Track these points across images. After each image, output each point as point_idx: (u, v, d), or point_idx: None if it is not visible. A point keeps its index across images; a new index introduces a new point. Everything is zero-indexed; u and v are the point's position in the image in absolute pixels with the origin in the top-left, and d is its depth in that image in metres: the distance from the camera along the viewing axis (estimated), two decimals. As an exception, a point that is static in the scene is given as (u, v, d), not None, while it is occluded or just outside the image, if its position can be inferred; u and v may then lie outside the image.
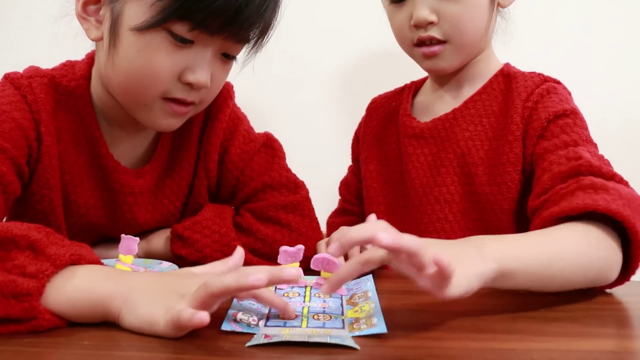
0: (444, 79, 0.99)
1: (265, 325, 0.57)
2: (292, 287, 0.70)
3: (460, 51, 0.91)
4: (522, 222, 0.87)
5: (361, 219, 1.04)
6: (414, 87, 1.06)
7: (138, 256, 0.81)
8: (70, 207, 0.85)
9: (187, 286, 0.56)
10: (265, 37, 0.81)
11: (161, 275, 0.61)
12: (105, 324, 0.58)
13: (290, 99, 1.38)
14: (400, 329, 0.58)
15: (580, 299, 0.70)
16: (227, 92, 0.93)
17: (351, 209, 1.11)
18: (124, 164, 0.86)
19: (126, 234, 0.76)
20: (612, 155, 0.81)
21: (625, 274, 0.70)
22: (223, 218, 0.87)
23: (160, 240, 0.89)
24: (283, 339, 0.52)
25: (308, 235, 0.89)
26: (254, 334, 0.55)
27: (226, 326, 0.55)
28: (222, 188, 0.94)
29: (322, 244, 0.86)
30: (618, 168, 0.80)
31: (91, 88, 0.84)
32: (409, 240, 0.52)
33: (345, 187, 1.14)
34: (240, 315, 0.58)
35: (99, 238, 0.91)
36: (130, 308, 0.56)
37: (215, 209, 0.90)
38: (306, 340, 0.52)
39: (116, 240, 0.89)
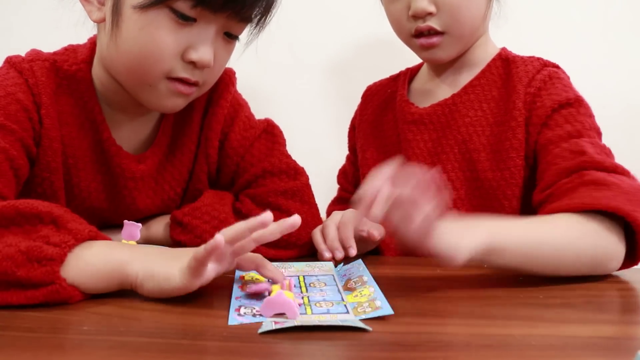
0: (442, 66, 0.98)
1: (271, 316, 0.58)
2: (285, 278, 0.69)
3: (458, 41, 0.91)
4: (525, 208, 0.87)
5: None
6: (410, 74, 1.05)
7: (139, 242, 0.81)
8: (72, 190, 0.85)
9: (199, 248, 0.60)
10: (268, 16, 0.80)
11: (174, 248, 0.67)
12: (104, 309, 0.58)
13: (290, 85, 1.37)
14: (399, 315, 0.58)
15: (578, 286, 0.70)
16: (228, 78, 0.93)
17: (349, 197, 1.11)
18: (125, 148, 0.86)
19: (127, 220, 0.77)
20: (613, 142, 0.81)
21: (632, 259, 0.73)
22: (223, 204, 0.87)
23: (159, 226, 0.89)
24: (294, 324, 0.52)
25: (307, 221, 0.89)
26: (261, 322, 0.54)
27: (233, 321, 0.55)
28: (222, 174, 0.94)
29: (317, 232, 0.86)
30: (618, 155, 0.79)
31: (93, 72, 0.84)
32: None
33: (343, 175, 1.14)
34: (243, 309, 0.58)
35: (99, 224, 0.90)
36: (147, 269, 0.60)
37: (214, 195, 0.90)
38: (317, 324, 0.52)
39: (116, 227, 0.89)
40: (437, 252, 0.61)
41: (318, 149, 1.29)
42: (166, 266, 0.60)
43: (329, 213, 1.12)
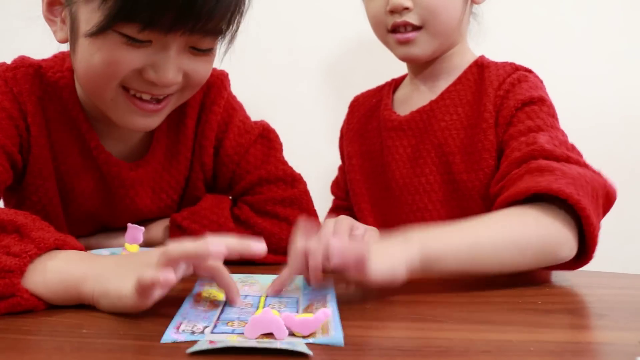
0: (420, 69, 1.00)
1: (212, 332, 0.53)
2: (246, 297, 0.64)
3: (434, 38, 0.92)
4: None
5: (352, 213, 1.04)
6: (394, 84, 1.08)
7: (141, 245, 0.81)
8: (68, 196, 0.85)
9: (153, 257, 0.58)
10: (233, 26, 0.74)
11: (134, 253, 0.65)
12: (103, 312, 0.58)
13: (289, 88, 1.38)
14: (397, 320, 0.59)
15: (577, 291, 0.70)
16: (221, 82, 0.91)
17: (344, 205, 1.12)
18: (118, 155, 0.85)
19: (125, 223, 0.77)
20: (611, 149, 0.81)
21: (586, 251, 0.71)
22: (221, 208, 0.87)
23: (158, 229, 0.89)
24: (229, 345, 0.48)
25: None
26: (197, 340, 0.50)
27: (167, 338, 0.51)
28: (218, 180, 0.94)
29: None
30: (617, 160, 0.80)
31: (76, 81, 0.82)
32: (317, 253, 0.60)
33: (336, 186, 1.16)
34: (183, 326, 0.54)
35: (97, 228, 0.91)
36: (102, 287, 0.58)
37: (213, 199, 0.90)
38: (255, 346, 0.48)
39: (115, 230, 0.89)
40: (377, 282, 0.61)
41: (317, 152, 1.29)
42: (119, 283, 0.57)
43: None
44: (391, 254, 0.63)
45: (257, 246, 0.58)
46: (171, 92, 0.76)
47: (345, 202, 1.11)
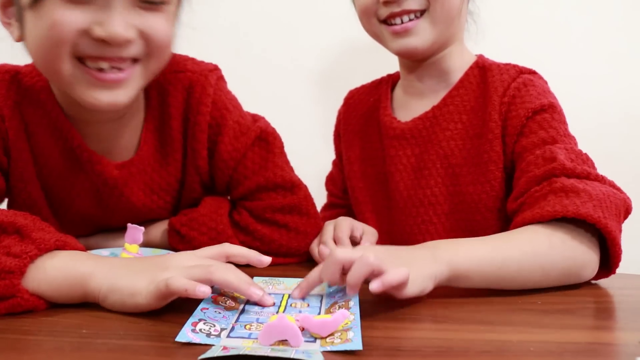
0: (413, 67, 0.95)
1: (228, 336, 0.52)
2: (269, 295, 0.64)
3: (434, 26, 0.87)
4: (507, 220, 0.85)
5: (349, 213, 1.03)
6: (392, 82, 1.04)
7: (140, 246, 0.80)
8: (54, 198, 0.85)
9: (167, 260, 0.60)
10: None
11: (140, 257, 0.66)
12: (103, 312, 0.58)
13: (288, 89, 1.38)
14: (397, 320, 0.59)
15: (577, 292, 0.70)
16: (204, 78, 0.86)
17: (339, 203, 1.10)
18: (106, 154, 0.83)
19: (120, 223, 0.76)
20: (612, 149, 0.81)
21: (608, 268, 0.73)
22: (220, 214, 0.86)
23: (157, 232, 0.89)
24: (242, 352, 0.47)
25: (307, 232, 0.88)
26: (212, 345, 0.50)
27: (182, 337, 0.51)
28: (216, 183, 0.91)
29: (315, 249, 0.86)
30: (618, 161, 0.79)
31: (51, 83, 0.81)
32: (359, 272, 0.58)
33: (331, 182, 1.13)
34: (200, 325, 0.53)
35: (92, 228, 0.90)
36: (111, 283, 0.58)
37: (212, 204, 0.88)
38: (268, 354, 0.47)
39: (114, 231, 0.89)
40: (408, 297, 0.60)
41: (316, 152, 1.29)
42: (132, 281, 0.58)
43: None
44: (422, 271, 0.62)
45: (263, 259, 0.65)
46: (130, 56, 0.71)
47: (341, 200, 1.09)
